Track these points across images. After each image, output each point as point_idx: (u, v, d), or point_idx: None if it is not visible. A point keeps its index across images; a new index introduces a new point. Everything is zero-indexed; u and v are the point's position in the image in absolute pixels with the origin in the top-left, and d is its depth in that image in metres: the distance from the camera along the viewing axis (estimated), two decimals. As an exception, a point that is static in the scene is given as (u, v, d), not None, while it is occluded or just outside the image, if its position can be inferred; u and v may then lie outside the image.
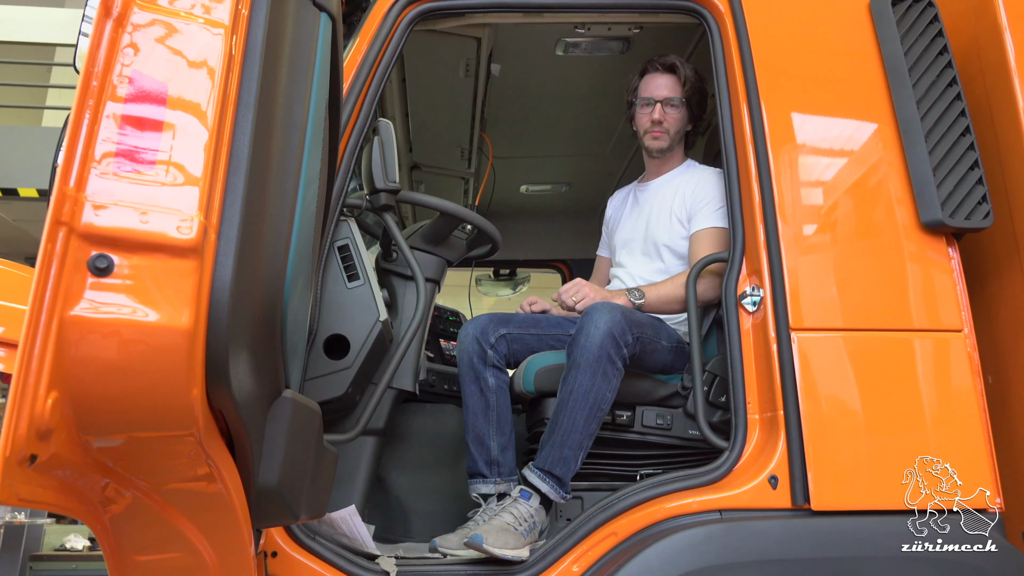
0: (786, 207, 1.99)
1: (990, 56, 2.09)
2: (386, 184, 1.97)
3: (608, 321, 2.00)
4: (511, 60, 2.89)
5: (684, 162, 2.54)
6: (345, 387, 1.95)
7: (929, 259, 1.97)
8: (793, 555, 1.74)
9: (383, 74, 2.09)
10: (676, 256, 2.40)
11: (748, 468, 1.87)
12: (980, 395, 1.89)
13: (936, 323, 1.94)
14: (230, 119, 1.01)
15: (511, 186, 4.01)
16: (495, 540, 1.82)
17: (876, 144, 2.06)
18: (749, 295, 1.97)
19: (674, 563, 1.71)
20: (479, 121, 3.26)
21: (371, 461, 2.21)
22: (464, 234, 2.41)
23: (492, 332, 2.28)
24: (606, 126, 3.37)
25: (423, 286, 2.00)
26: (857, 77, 2.11)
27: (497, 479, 2.17)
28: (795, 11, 2.20)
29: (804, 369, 1.86)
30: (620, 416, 2.17)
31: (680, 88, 2.44)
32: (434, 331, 3.22)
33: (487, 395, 2.22)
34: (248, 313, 1.03)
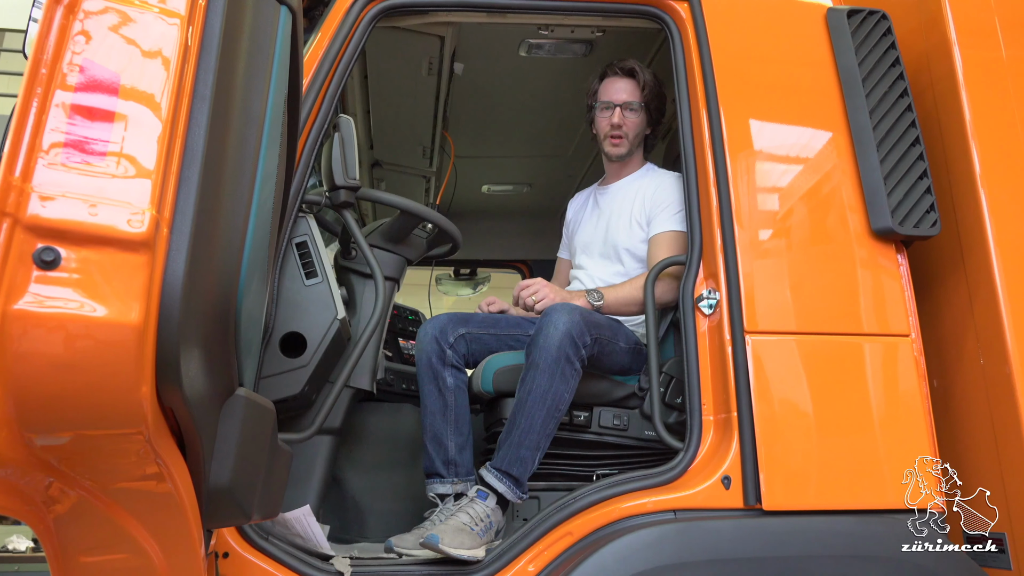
0: (743, 212, 2.02)
1: (939, 70, 2.15)
2: (346, 181, 1.96)
3: (567, 322, 2.01)
4: (474, 60, 2.89)
5: (643, 166, 2.56)
6: (301, 386, 1.92)
7: (879, 265, 2.02)
8: (744, 554, 1.77)
9: (344, 70, 2.07)
10: (635, 259, 2.42)
11: (702, 469, 1.89)
12: (926, 398, 1.95)
13: (885, 328, 1.99)
14: (185, 111, 0.99)
15: (473, 186, 4.01)
16: (451, 540, 1.81)
17: (830, 152, 2.10)
18: (705, 298, 2.00)
19: (628, 562, 1.72)
20: (441, 120, 3.25)
21: (327, 461, 2.19)
22: (424, 233, 2.40)
23: (451, 332, 2.27)
24: (568, 128, 3.39)
25: (382, 284, 1.99)
26: (813, 86, 2.16)
27: (454, 479, 2.17)
28: (754, 20, 2.24)
29: (758, 372, 1.89)
30: (577, 417, 2.18)
31: (639, 92, 2.47)
32: (393, 330, 3.20)
33: (445, 395, 2.21)
34: (201, 309, 1.01)
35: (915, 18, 2.23)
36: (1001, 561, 1.87)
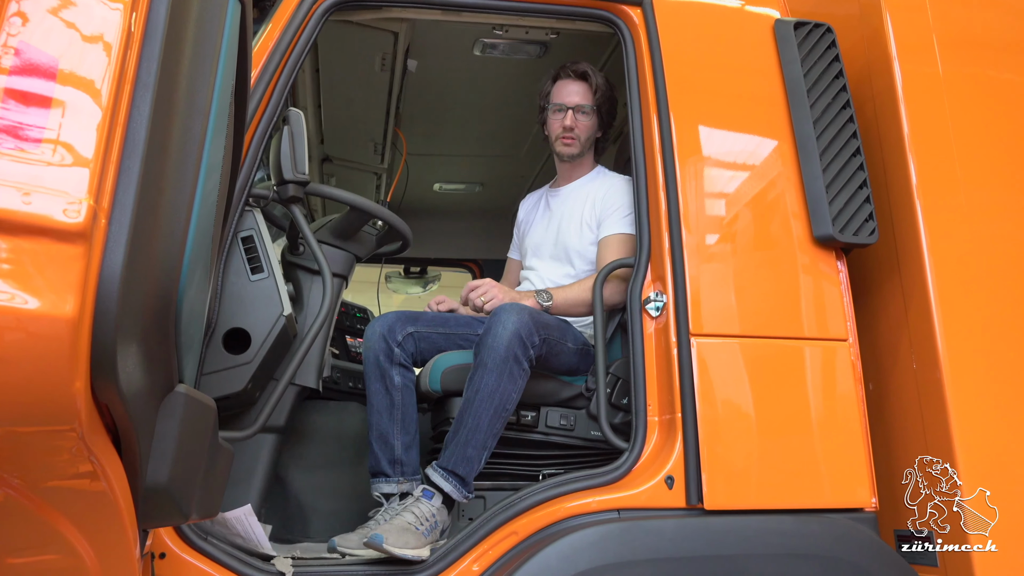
0: (690, 216, 2.05)
1: (880, 83, 2.23)
2: (295, 175, 1.92)
3: (516, 322, 2.01)
4: (428, 57, 2.88)
5: (594, 168, 2.59)
6: (244, 383, 1.89)
7: (820, 271, 2.08)
8: (686, 553, 1.80)
9: (295, 63, 2.03)
10: (586, 262, 2.44)
11: (646, 469, 1.92)
12: (861, 401, 2.01)
13: (824, 332, 2.04)
14: (126, 99, 0.96)
15: (424, 184, 3.99)
16: (395, 540, 1.80)
17: (775, 160, 2.15)
18: (653, 300, 2.03)
19: (572, 561, 1.73)
20: (394, 116, 3.22)
21: (270, 459, 2.15)
22: (374, 230, 2.38)
23: (400, 330, 2.26)
24: (521, 128, 3.39)
25: (330, 281, 1.96)
26: (760, 95, 2.21)
27: (400, 478, 2.15)
28: (705, 28, 2.28)
29: (702, 373, 1.93)
30: (525, 416, 2.19)
31: (591, 96, 2.49)
32: (340, 327, 3.16)
33: (392, 393, 2.20)
34: (140, 303, 0.98)
35: (858, 32, 2.30)
36: (929, 559, 1.95)
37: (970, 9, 2.32)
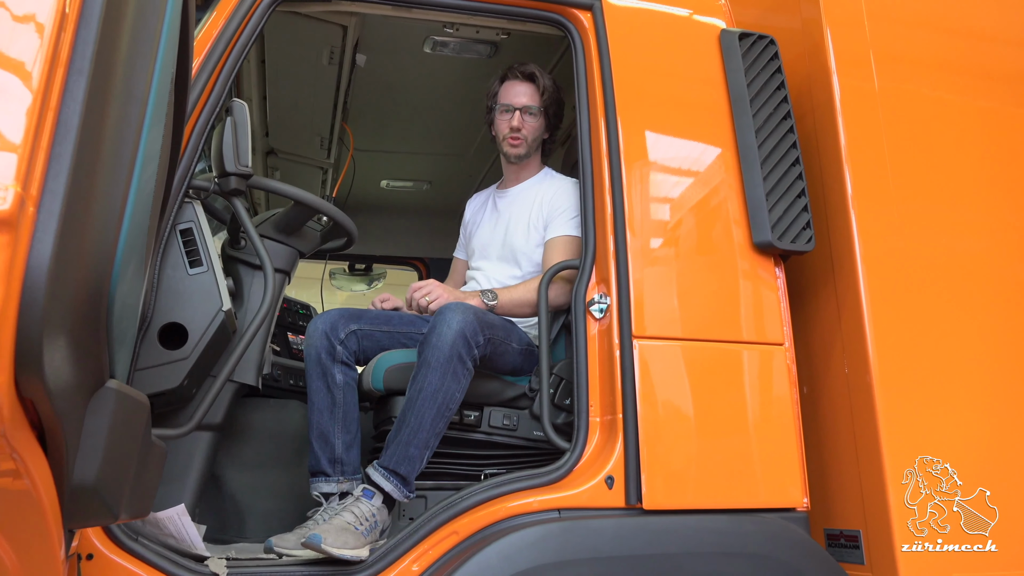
0: (635, 220, 2.08)
1: (820, 96, 2.29)
2: (237, 168, 1.88)
3: (461, 321, 2.01)
4: (378, 52, 2.85)
5: (542, 170, 2.60)
6: (180, 379, 1.84)
7: (759, 277, 2.13)
8: (624, 552, 1.82)
9: (240, 53, 1.99)
10: (532, 263, 2.45)
11: (587, 469, 1.94)
12: (796, 404, 2.07)
13: (762, 337, 2.10)
14: (59, 83, 0.92)
15: (371, 180, 3.95)
16: (334, 540, 1.78)
17: (719, 167, 2.20)
18: (597, 302, 2.05)
19: (512, 561, 1.74)
20: (341, 111, 3.18)
21: (205, 458, 2.10)
22: (319, 225, 2.34)
23: (342, 327, 2.23)
24: (470, 127, 3.39)
25: (271, 276, 1.92)
26: (705, 103, 2.25)
27: (340, 478, 2.13)
28: (654, 35, 2.31)
29: (644, 375, 1.96)
30: (468, 416, 2.19)
31: (539, 97, 2.50)
32: (282, 324, 3.11)
33: (334, 392, 2.17)
34: (69, 294, 0.94)
35: (800, 46, 2.37)
36: (856, 557, 2.01)
37: (907, 28, 2.40)
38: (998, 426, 2.11)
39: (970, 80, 2.42)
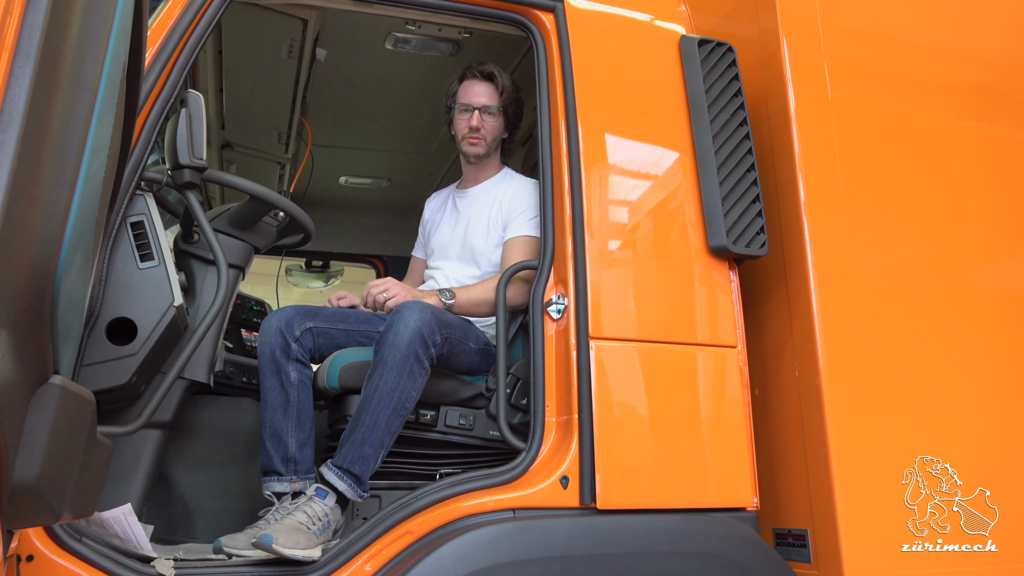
0: (594, 222, 2.10)
1: (775, 104, 2.34)
2: (191, 160, 1.84)
3: (418, 320, 2.00)
4: (338, 47, 2.82)
5: (501, 170, 2.60)
6: (129, 375, 1.79)
7: (714, 280, 2.17)
8: (578, 551, 1.83)
9: (196, 44, 1.95)
10: (492, 264, 2.45)
11: (542, 469, 1.94)
12: (747, 405, 2.10)
13: (716, 339, 2.13)
14: (4, 69, 0.90)
15: (330, 176, 3.91)
16: (286, 540, 1.75)
17: (676, 171, 2.23)
18: (555, 303, 2.06)
19: (466, 560, 1.74)
20: (300, 105, 3.14)
21: (154, 456, 2.06)
22: (275, 221, 2.31)
23: (298, 325, 2.20)
24: (431, 125, 3.38)
25: (225, 272, 1.89)
26: (664, 107, 2.28)
27: (293, 477, 2.10)
28: (615, 39, 2.33)
29: (600, 376, 1.97)
30: (424, 415, 2.18)
31: (497, 97, 2.50)
32: (236, 320, 3.05)
33: (288, 390, 2.14)
34: (12, 287, 0.91)
35: (757, 54, 2.41)
36: (803, 555, 2.06)
37: (859, 40, 2.46)
38: (946, 426, 2.18)
39: (918, 92, 2.49)
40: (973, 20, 2.64)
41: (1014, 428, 2.25)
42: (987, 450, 2.21)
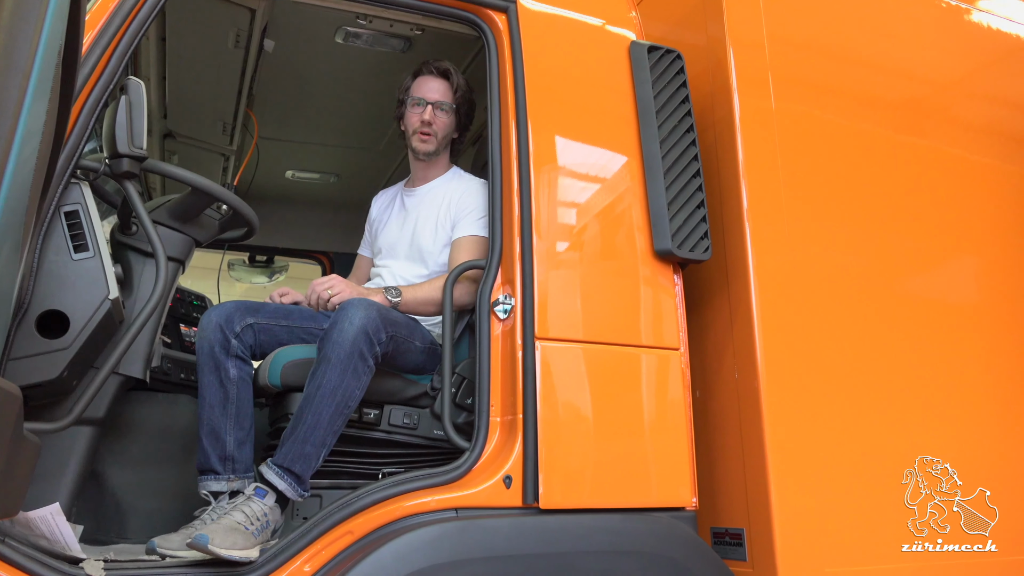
0: (542, 223, 2.11)
1: (721, 112, 2.39)
2: (130, 149, 1.79)
3: (363, 318, 1.98)
4: (287, 39, 2.77)
5: (450, 169, 2.60)
6: (59, 370, 1.73)
7: (659, 284, 2.20)
8: (519, 551, 1.84)
9: (138, 30, 1.89)
10: (440, 264, 2.44)
11: (486, 468, 1.95)
12: (688, 407, 2.14)
13: (660, 341, 2.16)
14: (-72, 49, 0.86)
15: (276, 170, 3.84)
16: (222, 540, 1.72)
17: (624, 175, 2.25)
18: (501, 303, 2.06)
19: (407, 560, 1.73)
20: (246, 97, 3.08)
21: (85, 454, 1.99)
22: (218, 214, 2.25)
23: (238, 320, 2.16)
24: (381, 121, 3.34)
25: (164, 265, 1.84)
26: (613, 111, 2.30)
27: (231, 476, 2.06)
28: (566, 42, 2.34)
29: (545, 376, 1.98)
30: (367, 414, 2.16)
31: (451, 94, 2.50)
32: (175, 315, 2.98)
33: (227, 387, 2.10)
34: (-67, 277, 0.88)
35: (704, 62, 2.46)
36: (739, 554, 2.11)
37: (803, 53, 2.53)
38: (883, 428, 2.25)
39: (857, 105, 2.58)
40: (910, 39, 2.75)
41: (939, 427, 2.35)
42: (919, 452, 2.29)
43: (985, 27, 2.91)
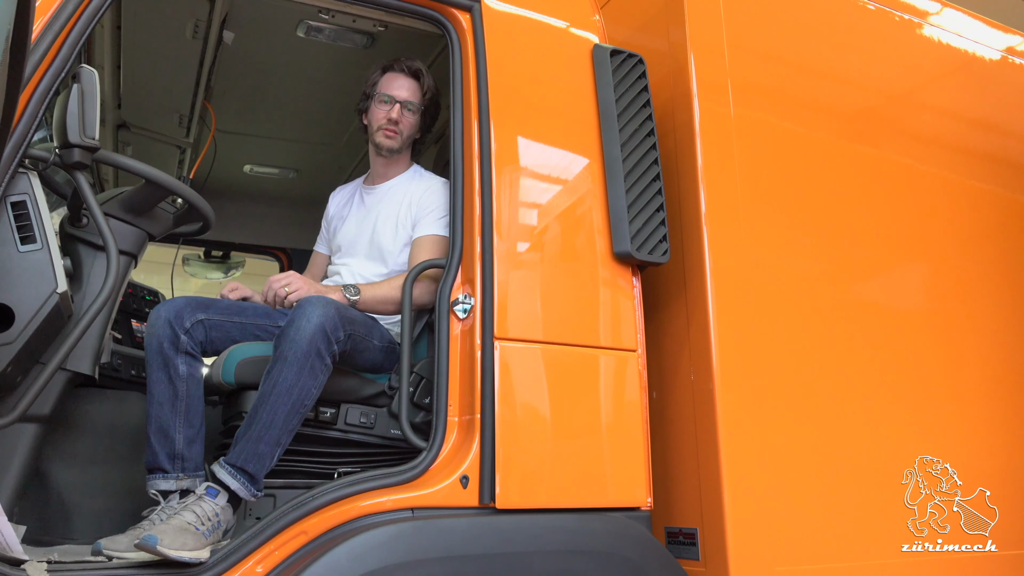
0: (503, 223, 2.11)
1: (681, 118, 2.42)
2: (82, 139, 1.74)
3: (321, 315, 1.96)
4: (247, 31, 2.73)
5: (411, 167, 2.58)
6: (3, 365, 1.67)
7: (617, 286, 2.22)
8: (475, 551, 1.84)
9: (92, 17, 1.84)
10: (400, 263, 2.42)
11: (443, 468, 1.94)
12: (645, 408, 2.16)
13: (618, 343, 2.18)
14: None
15: (234, 164, 3.78)
16: (172, 541, 1.68)
17: (585, 177, 2.27)
18: (461, 302, 2.06)
19: (362, 561, 1.71)
20: (204, 89, 3.02)
21: (29, 452, 1.93)
22: (173, 207, 2.21)
23: (188, 316, 2.11)
24: (342, 117, 3.31)
25: (115, 258, 1.79)
26: (575, 113, 2.31)
27: (180, 474, 2.01)
28: (530, 43, 2.35)
29: (504, 376, 1.98)
30: (323, 413, 2.14)
31: (420, 95, 2.49)
32: (126, 310, 2.91)
33: (176, 383, 2.05)
34: None
35: (666, 68, 2.49)
36: (692, 553, 2.14)
37: (761, 61, 2.58)
38: (835, 430, 2.31)
39: (812, 114, 2.63)
40: (864, 51, 2.82)
41: (900, 427, 2.41)
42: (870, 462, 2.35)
43: (936, 42, 3.00)
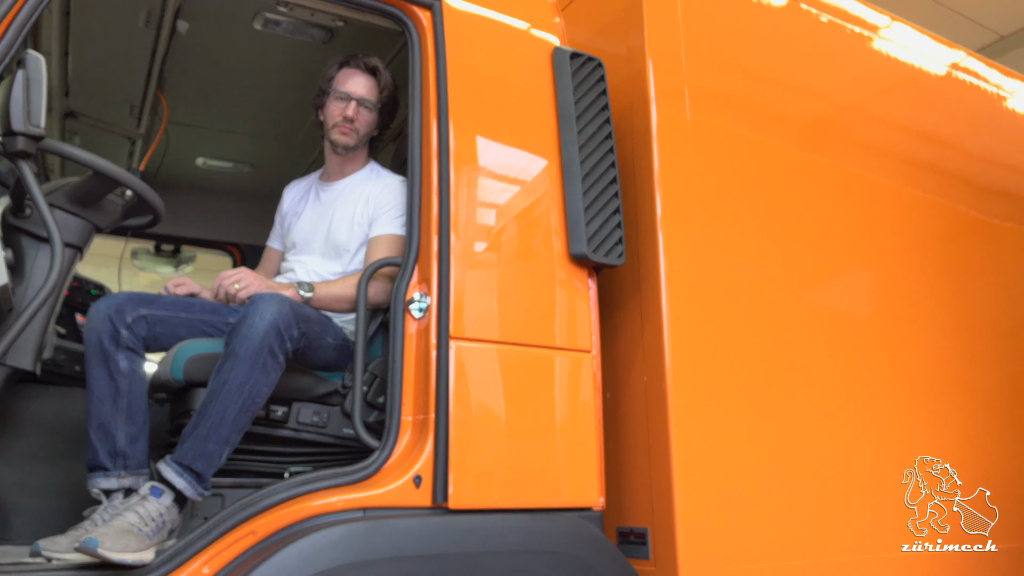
0: (460, 223, 2.10)
1: (639, 122, 2.44)
2: (26, 128, 1.68)
3: (275, 312, 1.93)
4: (202, 21, 2.67)
5: (368, 165, 2.56)
6: (-61, 360, 1.62)
7: (573, 287, 2.23)
8: (428, 551, 1.83)
9: (39, 1, 1.79)
10: (356, 262, 2.40)
11: (396, 468, 1.93)
12: (599, 409, 2.18)
13: (573, 343, 2.19)
14: None
15: (186, 157, 3.70)
16: (113, 543, 1.64)
17: (544, 179, 2.28)
18: (416, 301, 2.05)
19: (312, 561, 1.69)
20: (156, 79, 2.95)
21: (-35, 450, 1.87)
22: (121, 199, 2.15)
23: (130, 312, 2.05)
24: (299, 112, 3.26)
25: (60, 251, 1.74)
26: (534, 115, 2.32)
27: (122, 472, 1.95)
28: (491, 43, 2.35)
29: (459, 376, 1.98)
30: (275, 411, 2.11)
31: (377, 92, 2.47)
32: (71, 304, 2.82)
33: (117, 380, 1.99)
34: None
35: (624, 72, 2.51)
36: (642, 552, 2.16)
37: (718, 68, 2.62)
38: (789, 432, 2.36)
39: (767, 122, 2.68)
40: (818, 62, 2.88)
41: (840, 430, 2.47)
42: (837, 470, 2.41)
43: (885, 55, 3.09)
